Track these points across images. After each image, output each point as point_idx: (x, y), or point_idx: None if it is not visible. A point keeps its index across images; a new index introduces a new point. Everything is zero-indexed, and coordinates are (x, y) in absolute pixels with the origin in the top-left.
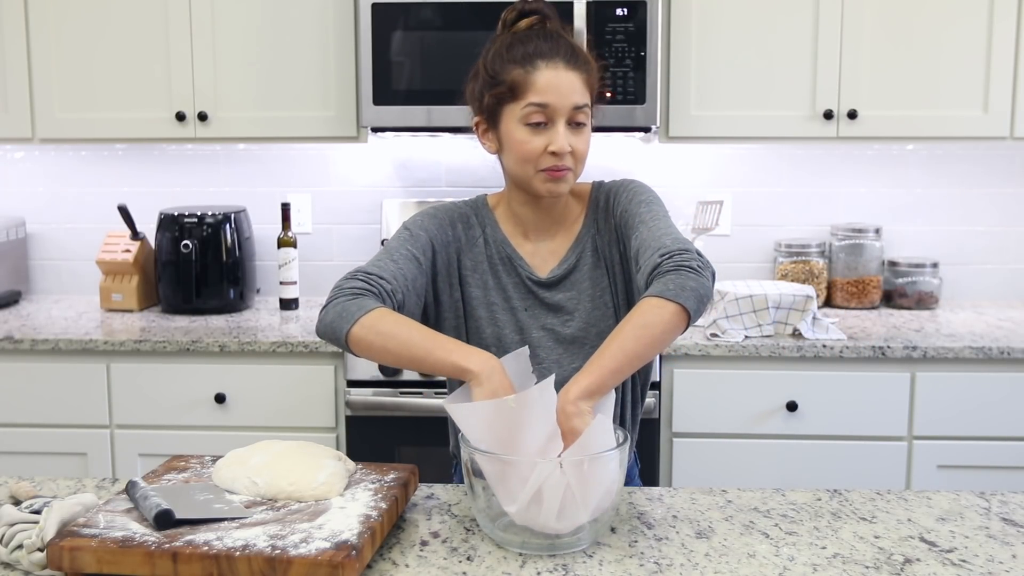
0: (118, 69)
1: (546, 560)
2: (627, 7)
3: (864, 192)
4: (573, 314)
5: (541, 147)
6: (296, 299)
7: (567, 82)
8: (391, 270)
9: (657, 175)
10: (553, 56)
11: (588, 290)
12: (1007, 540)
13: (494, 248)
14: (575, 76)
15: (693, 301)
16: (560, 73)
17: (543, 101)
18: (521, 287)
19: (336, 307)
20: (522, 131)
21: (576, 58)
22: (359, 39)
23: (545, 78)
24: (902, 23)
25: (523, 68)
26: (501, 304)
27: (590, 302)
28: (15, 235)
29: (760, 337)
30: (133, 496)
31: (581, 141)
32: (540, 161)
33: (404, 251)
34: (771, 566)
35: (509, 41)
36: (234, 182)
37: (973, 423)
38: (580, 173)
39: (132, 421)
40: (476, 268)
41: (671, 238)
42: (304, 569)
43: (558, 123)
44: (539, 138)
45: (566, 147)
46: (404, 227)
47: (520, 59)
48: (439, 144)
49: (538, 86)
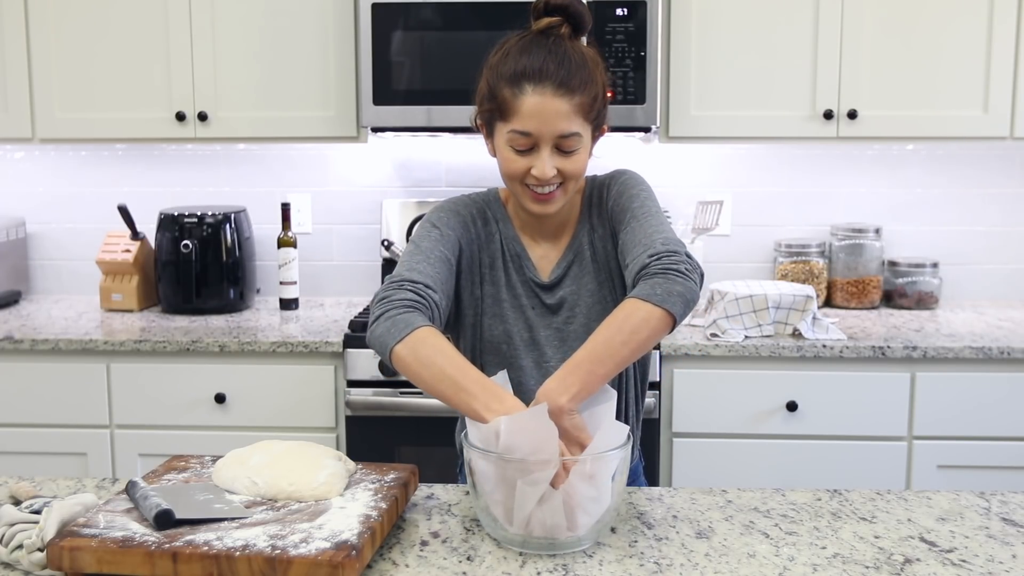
0: (118, 69)
1: (546, 560)
2: (627, 7)
3: (864, 192)
4: (575, 311)
5: (525, 168)
6: (296, 299)
7: (553, 110)
8: (433, 276)
9: (657, 175)
10: (542, 80)
11: (588, 286)
12: (1007, 540)
13: (506, 245)
14: (564, 103)
15: (680, 306)
16: (547, 100)
17: (525, 129)
18: (527, 286)
19: (387, 321)
20: (508, 151)
21: (569, 82)
22: (359, 39)
23: (530, 104)
24: (902, 23)
25: (511, 89)
26: (511, 302)
27: (591, 298)
28: (15, 235)
29: (760, 337)
30: (133, 496)
31: (570, 163)
32: (526, 180)
33: (438, 253)
34: (771, 566)
35: (511, 50)
36: (234, 182)
37: (973, 423)
38: (575, 187)
39: (132, 421)
40: (492, 265)
41: (662, 237)
42: (304, 569)
43: (543, 149)
44: (524, 159)
45: (547, 174)
46: (432, 224)
47: (510, 78)
48: (439, 144)
49: (522, 112)
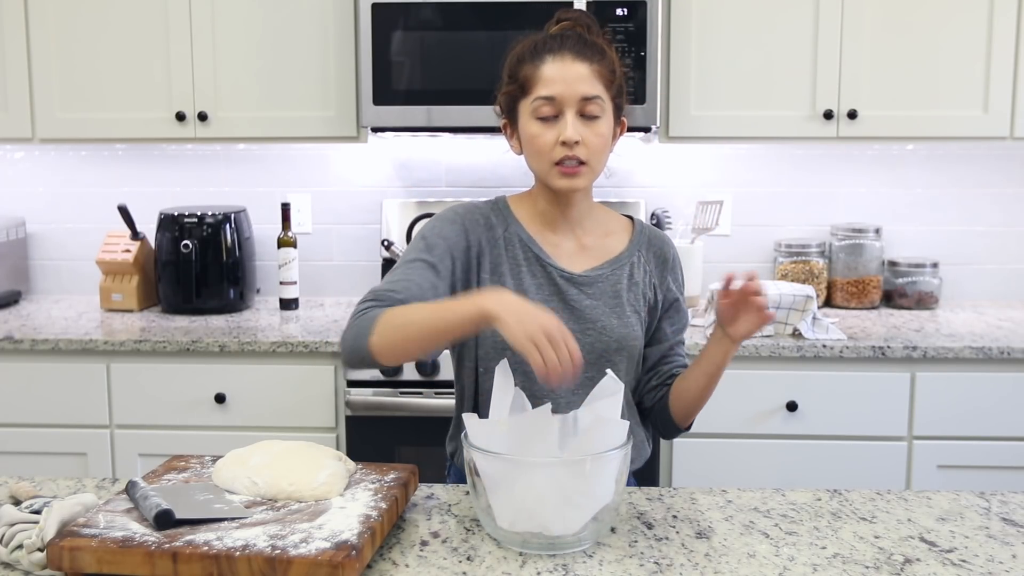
0: (118, 69)
1: (546, 560)
2: (627, 7)
3: (864, 192)
4: (595, 323)
5: (553, 140)
6: (296, 299)
7: (574, 73)
8: (402, 283)
9: (657, 175)
10: (560, 49)
11: (612, 304)
12: (1007, 540)
13: (519, 248)
14: (583, 66)
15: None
16: (567, 65)
17: (549, 93)
18: (546, 288)
19: (351, 331)
20: (534, 125)
21: (586, 49)
22: (359, 39)
23: (552, 70)
24: (902, 23)
25: (532, 63)
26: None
27: (616, 318)
28: (15, 235)
29: (760, 337)
30: (133, 496)
31: (593, 133)
32: (553, 154)
33: (417, 263)
34: (771, 566)
35: (526, 42)
36: (234, 182)
37: (973, 423)
38: (599, 168)
39: (132, 421)
40: (496, 270)
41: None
42: (304, 569)
43: (567, 114)
44: (550, 131)
45: (574, 136)
46: (421, 236)
47: (529, 56)
48: (439, 144)
49: (545, 79)
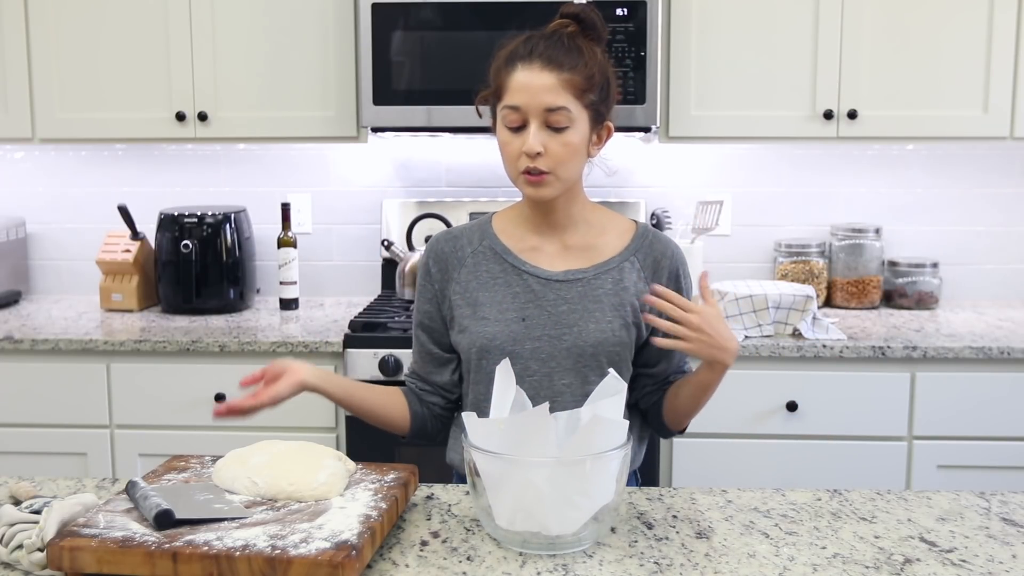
0: (118, 69)
1: (546, 560)
2: (627, 7)
3: (864, 192)
4: (571, 327)
5: (518, 149)
6: (296, 299)
7: (539, 83)
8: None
9: (657, 175)
10: (531, 57)
11: (591, 307)
12: (1007, 540)
13: (493, 261)
14: (551, 76)
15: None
16: (534, 74)
17: (515, 103)
18: (522, 296)
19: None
20: (504, 132)
21: (560, 56)
22: (359, 39)
23: (519, 79)
24: (902, 23)
25: (505, 70)
26: (494, 317)
27: (593, 322)
28: (15, 235)
29: (760, 337)
30: (133, 496)
31: (558, 143)
32: (519, 163)
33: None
34: (771, 566)
35: (509, 45)
36: (234, 182)
37: (973, 423)
38: (566, 178)
39: (132, 421)
40: (466, 287)
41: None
42: (304, 569)
43: (531, 124)
44: (517, 140)
45: (534, 148)
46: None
47: (505, 62)
48: (439, 144)
49: (512, 88)
